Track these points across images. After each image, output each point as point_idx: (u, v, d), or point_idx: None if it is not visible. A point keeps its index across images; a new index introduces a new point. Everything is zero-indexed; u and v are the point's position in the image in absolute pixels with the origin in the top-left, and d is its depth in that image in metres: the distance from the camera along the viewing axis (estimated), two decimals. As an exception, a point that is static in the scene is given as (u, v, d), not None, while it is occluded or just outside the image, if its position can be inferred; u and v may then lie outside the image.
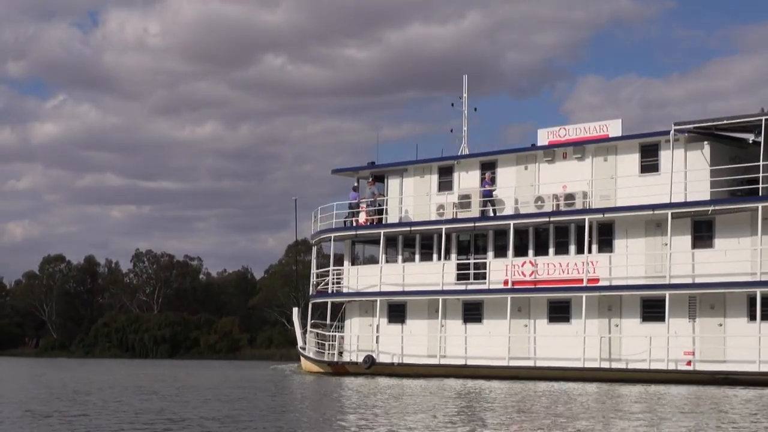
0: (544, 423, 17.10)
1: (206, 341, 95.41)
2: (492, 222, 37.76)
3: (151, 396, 24.42)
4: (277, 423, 16.71)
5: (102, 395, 24.63)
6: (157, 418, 17.33)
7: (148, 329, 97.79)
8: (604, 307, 35.37)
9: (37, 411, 18.83)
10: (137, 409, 19.44)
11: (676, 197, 34.06)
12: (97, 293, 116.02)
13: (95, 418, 17.45)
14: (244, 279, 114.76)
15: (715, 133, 34.61)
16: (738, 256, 32.70)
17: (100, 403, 21.58)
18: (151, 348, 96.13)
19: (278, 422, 16.83)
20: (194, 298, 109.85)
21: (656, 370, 33.48)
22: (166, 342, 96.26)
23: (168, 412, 18.89)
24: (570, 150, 36.99)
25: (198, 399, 23.37)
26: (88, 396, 24.31)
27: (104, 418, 17.43)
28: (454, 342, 38.42)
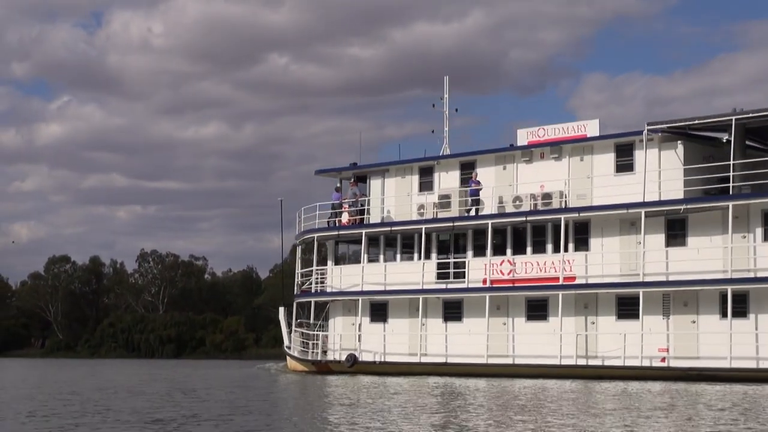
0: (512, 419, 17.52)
1: (212, 341, 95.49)
2: (471, 222, 38.15)
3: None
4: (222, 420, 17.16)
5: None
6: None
7: (154, 329, 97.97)
8: (580, 305, 35.75)
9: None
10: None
11: (650, 196, 34.41)
12: (103, 294, 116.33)
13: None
14: (249, 278, 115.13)
15: (689, 133, 34.97)
16: (710, 254, 33.06)
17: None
18: (156, 348, 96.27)
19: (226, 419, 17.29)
20: (199, 298, 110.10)
21: (631, 366, 33.85)
22: (171, 342, 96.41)
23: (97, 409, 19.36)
24: (547, 150, 37.37)
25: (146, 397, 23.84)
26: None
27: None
28: (434, 340, 38.84)
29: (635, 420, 17.18)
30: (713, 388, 27.83)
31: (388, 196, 41.17)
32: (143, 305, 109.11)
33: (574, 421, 16.89)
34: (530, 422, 16.75)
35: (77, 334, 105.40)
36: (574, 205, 36.25)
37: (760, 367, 31.81)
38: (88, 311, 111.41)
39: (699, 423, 16.77)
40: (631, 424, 16.50)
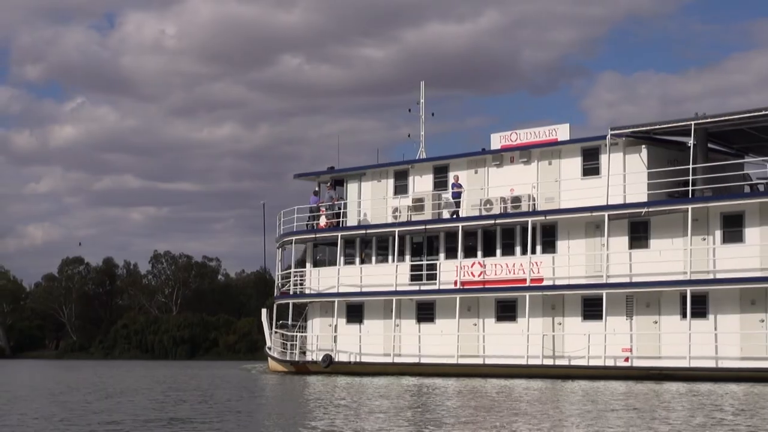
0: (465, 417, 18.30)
1: (225, 342, 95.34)
2: (442, 224, 38.93)
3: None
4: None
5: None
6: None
7: (167, 330, 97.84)
8: (547, 306, 36.49)
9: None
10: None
11: (615, 199, 35.14)
12: (116, 295, 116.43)
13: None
14: (262, 280, 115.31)
15: (655, 138, 35.69)
16: (671, 256, 33.77)
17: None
18: (170, 349, 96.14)
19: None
20: (213, 299, 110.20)
21: (596, 366, 34.56)
22: (185, 343, 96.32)
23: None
24: (517, 154, 38.11)
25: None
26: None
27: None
28: (408, 341, 39.61)
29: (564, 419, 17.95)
30: (674, 386, 28.54)
31: (365, 199, 41.98)
32: (156, 306, 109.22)
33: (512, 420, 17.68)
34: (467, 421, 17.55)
35: (91, 335, 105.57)
36: (542, 208, 36.99)
37: (719, 366, 32.49)
38: (102, 312, 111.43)
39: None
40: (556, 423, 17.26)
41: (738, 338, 32.47)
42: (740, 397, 23.70)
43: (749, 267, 32.37)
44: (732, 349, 32.52)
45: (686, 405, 20.84)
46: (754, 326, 32.21)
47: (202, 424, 16.68)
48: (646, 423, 16.60)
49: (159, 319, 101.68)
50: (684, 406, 20.65)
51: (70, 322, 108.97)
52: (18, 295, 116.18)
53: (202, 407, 20.61)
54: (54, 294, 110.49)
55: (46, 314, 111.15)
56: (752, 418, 17.64)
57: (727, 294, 32.73)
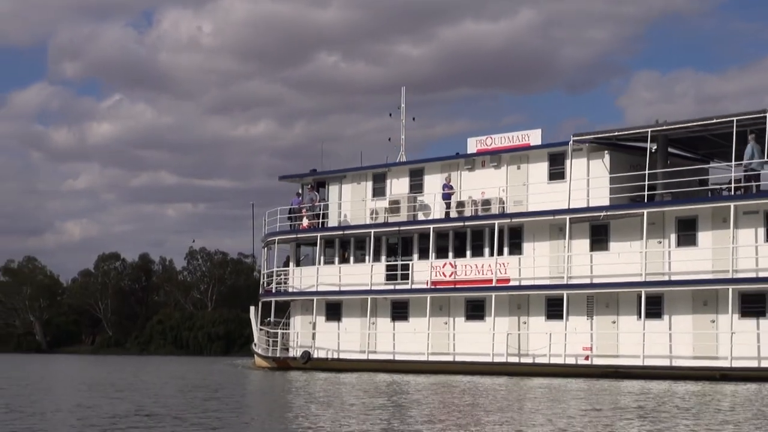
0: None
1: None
2: (416, 226, 40.29)
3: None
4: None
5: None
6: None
7: (203, 326, 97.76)
8: (514, 305, 37.78)
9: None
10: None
11: (578, 203, 36.39)
12: (152, 291, 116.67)
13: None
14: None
15: (617, 143, 36.89)
16: (630, 259, 34.97)
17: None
18: (205, 345, 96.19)
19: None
20: (248, 296, 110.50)
21: (558, 364, 35.83)
22: (220, 339, 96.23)
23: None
24: (488, 159, 39.41)
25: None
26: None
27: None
28: (383, 338, 41.00)
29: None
30: (628, 384, 29.76)
31: (345, 201, 43.39)
32: (192, 303, 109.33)
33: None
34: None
35: (127, 330, 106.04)
36: (511, 211, 38.27)
37: (673, 365, 33.69)
38: (138, 308, 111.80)
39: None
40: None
41: (690, 338, 33.65)
42: (656, 394, 24.93)
43: (702, 269, 33.51)
44: (685, 348, 33.71)
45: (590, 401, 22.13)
46: (705, 326, 33.37)
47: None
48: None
49: (194, 315, 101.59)
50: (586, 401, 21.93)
51: (106, 317, 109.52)
52: (55, 291, 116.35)
53: (143, 400, 22.06)
54: (90, 289, 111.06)
55: (82, 310, 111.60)
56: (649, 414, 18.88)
57: (681, 295, 33.92)
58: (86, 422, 16.28)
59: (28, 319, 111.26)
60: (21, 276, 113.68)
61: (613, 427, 15.66)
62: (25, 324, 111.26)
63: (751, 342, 32.34)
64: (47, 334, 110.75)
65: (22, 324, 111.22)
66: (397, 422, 16.43)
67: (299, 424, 16.30)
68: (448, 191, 40.43)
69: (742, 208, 32.94)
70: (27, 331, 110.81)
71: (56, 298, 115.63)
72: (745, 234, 32.96)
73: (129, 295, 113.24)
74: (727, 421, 16.79)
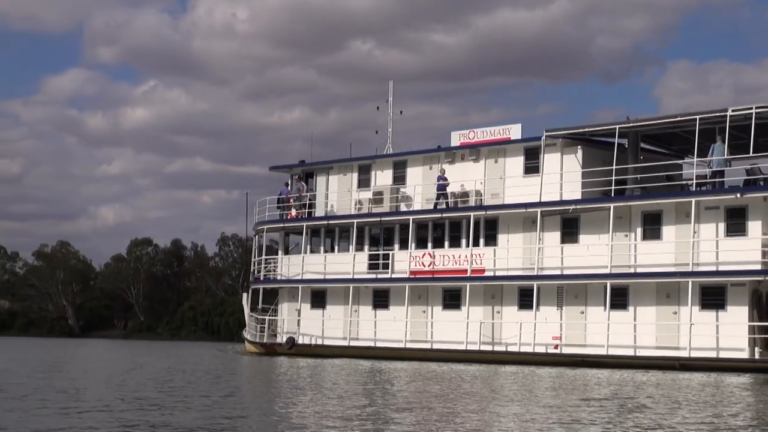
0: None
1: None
2: (396, 217, 41.47)
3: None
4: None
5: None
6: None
7: (233, 312, 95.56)
8: (488, 295, 38.92)
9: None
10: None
11: (552, 197, 37.44)
12: (184, 276, 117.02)
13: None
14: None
15: (591, 139, 37.89)
16: (598, 251, 36.01)
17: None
18: (236, 331, 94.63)
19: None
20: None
21: (529, 353, 36.94)
22: None
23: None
24: (467, 152, 40.51)
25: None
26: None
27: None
28: (365, 326, 42.24)
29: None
30: (593, 372, 30.85)
31: (332, 191, 44.62)
32: (223, 289, 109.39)
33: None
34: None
35: (158, 316, 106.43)
36: (488, 203, 39.36)
37: (637, 354, 34.74)
38: (169, 294, 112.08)
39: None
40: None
41: (654, 329, 34.69)
42: (608, 381, 26.04)
43: (665, 262, 34.52)
44: (648, 338, 34.75)
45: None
46: (668, 318, 34.40)
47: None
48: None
49: (225, 301, 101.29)
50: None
51: (138, 302, 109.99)
52: (87, 276, 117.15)
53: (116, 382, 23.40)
54: (122, 275, 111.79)
55: (114, 294, 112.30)
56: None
57: (645, 287, 34.95)
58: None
59: (61, 304, 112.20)
60: (54, 260, 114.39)
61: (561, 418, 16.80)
62: (58, 308, 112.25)
63: (710, 333, 33.32)
64: (80, 319, 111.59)
65: (55, 308, 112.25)
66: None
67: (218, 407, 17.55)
68: (442, 182, 41.38)
69: (704, 203, 33.92)
70: (60, 316, 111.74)
71: (89, 282, 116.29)
72: (707, 229, 33.94)
73: (161, 281, 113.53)
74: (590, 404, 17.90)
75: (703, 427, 14.22)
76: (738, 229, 33.34)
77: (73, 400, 17.31)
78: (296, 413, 15.67)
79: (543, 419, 15.11)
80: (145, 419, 14.13)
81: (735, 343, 32.76)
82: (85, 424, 13.40)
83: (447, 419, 14.89)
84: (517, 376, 28.13)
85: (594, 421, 14.89)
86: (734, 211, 33.45)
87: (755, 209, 33.04)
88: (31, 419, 14.08)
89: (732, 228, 33.48)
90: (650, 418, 15.42)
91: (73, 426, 13.23)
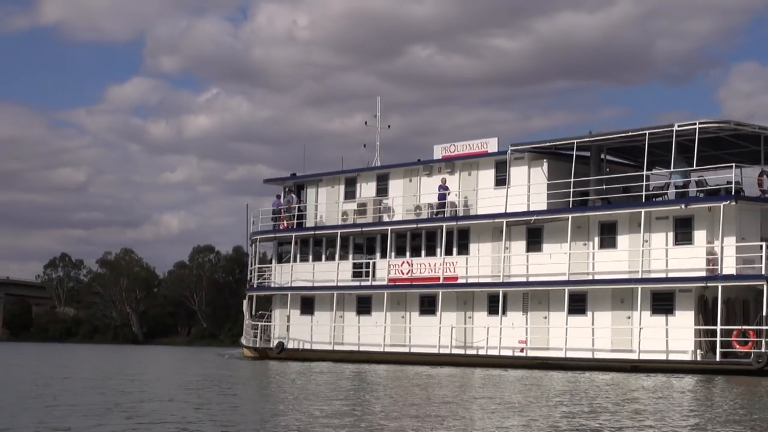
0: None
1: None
2: (376, 227, 43.67)
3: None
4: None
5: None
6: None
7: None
8: (461, 301, 40.99)
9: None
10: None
11: (519, 208, 39.44)
12: (245, 283, 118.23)
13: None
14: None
15: (557, 152, 39.83)
16: (560, 259, 37.95)
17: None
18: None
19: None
20: None
21: (497, 356, 38.92)
22: None
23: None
24: (443, 165, 42.62)
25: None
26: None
27: None
28: (349, 331, 44.45)
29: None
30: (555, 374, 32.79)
31: (321, 203, 46.93)
32: None
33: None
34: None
35: (221, 322, 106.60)
36: (462, 214, 41.44)
37: (595, 357, 36.61)
38: (231, 300, 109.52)
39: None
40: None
41: (610, 332, 36.55)
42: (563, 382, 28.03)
43: (620, 270, 36.40)
44: (605, 341, 36.62)
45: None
46: (622, 322, 36.25)
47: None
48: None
49: None
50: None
51: (201, 309, 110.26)
52: (151, 283, 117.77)
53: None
54: (185, 282, 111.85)
55: (177, 301, 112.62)
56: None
57: (602, 293, 36.84)
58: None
59: (124, 311, 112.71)
60: (118, 268, 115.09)
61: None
62: (122, 315, 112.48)
63: (660, 337, 35.14)
64: (143, 326, 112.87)
65: (119, 315, 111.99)
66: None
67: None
68: (442, 191, 43.11)
69: (655, 214, 35.78)
70: (123, 323, 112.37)
71: (152, 289, 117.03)
72: (658, 238, 35.79)
73: (223, 287, 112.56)
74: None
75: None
76: (685, 238, 35.17)
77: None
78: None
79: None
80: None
81: (682, 346, 34.55)
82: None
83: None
84: (454, 378, 30.16)
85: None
86: (682, 221, 35.28)
87: (701, 219, 34.84)
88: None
89: (680, 237, 35.32)
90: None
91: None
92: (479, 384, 25.51)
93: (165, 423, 13.93)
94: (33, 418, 14.21)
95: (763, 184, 35.95)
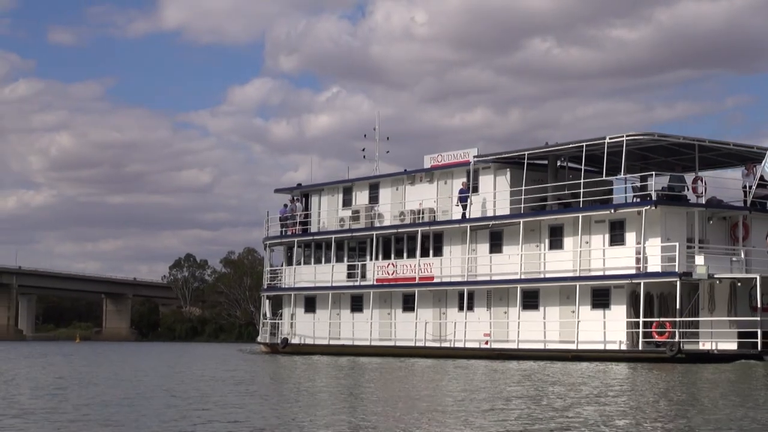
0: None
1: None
2: (365, 232, 47.96)
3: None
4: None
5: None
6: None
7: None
8: (436, 299, 45.03)
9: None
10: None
11: (485, 213, 43.36)
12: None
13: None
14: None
15: (520, 161, 43.57)
16: (517, 260, 41.73)
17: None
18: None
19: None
20: None
21: (466, 348, 42.88)
22: None
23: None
24: (423, 175, 46.74)
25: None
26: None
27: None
28: (345, 327, 48.84)
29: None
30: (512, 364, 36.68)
31: (323, 210, 51.44)
32: None
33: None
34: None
35: None
36: (439, 220, 45.49)
37: (546, 348, 40.31)
38: None
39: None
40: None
41: (558, 325, 40.22)
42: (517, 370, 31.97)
43: (566, 269, 40.06)
44: (554, 334, 40.31)
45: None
46: (568, 316, 39.87)
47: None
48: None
49: None
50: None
51: None
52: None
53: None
54: None
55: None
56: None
57: (552, 290, 40.51)
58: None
59: (249, 310, 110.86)
60: (241, 267, 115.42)
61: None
62: (246, 315, 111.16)
63: (599, 329, 38.72)
64: None
65: (243, 315, 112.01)
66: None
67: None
68: (462, 195, 46.11)
69: (594, 217, 39.37)
70: (248, 322, 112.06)
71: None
72: (597, 239, 39.38)
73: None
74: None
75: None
76: (618, 239, 38.71)
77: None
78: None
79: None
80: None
81: (616, 336, 38.09)
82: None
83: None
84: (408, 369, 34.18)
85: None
86: (616, 224, 38.82)
87: (631, 222, 38.33)
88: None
89: (614, 239, 38.85)
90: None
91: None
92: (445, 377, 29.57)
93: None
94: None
95: (697, 190, 39.19)
